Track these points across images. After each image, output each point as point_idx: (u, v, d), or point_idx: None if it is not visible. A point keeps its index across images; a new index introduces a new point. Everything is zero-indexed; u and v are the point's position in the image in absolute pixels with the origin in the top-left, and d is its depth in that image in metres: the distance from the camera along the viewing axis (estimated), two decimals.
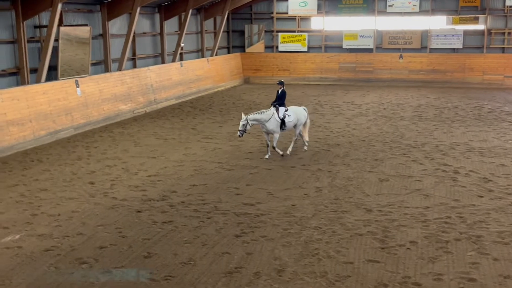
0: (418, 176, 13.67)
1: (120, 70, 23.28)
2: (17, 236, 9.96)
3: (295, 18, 34.37)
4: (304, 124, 16.01)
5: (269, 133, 15.30)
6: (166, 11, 27.46)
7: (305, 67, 34.34)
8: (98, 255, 9.14)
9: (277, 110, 15.25)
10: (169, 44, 28.32)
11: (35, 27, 19.52)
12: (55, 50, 19.15)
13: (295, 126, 15.70)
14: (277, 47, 34.95)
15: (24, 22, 18.40)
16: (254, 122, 14.97)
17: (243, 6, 33.93)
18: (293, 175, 13.90)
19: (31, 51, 19.23)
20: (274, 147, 15.34)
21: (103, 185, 13.11)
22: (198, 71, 29.60)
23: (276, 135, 15.29)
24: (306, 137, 16.15)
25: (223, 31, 33.67)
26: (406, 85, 32.14)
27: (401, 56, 32.99)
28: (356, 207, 11.48)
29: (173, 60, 28.17)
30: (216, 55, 32.64)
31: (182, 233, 10.08)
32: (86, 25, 21.06)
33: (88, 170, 14.39)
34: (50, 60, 18.86)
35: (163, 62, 27.76)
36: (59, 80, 19.38)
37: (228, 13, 33.40)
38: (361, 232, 10.09)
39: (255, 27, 35.02)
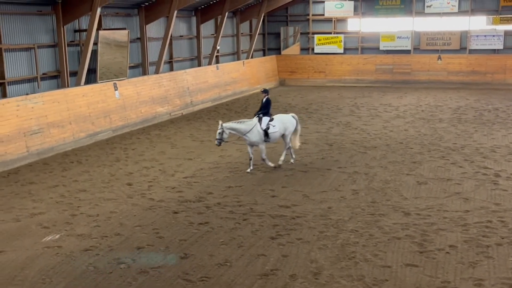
0: (457, 179, 13.38)
1: (157, 73, 23.57)
2: (57, 236, 10.16)
3: (331, 20, 34.16)
4: (295, 132, 14.82)
5: (252, 145, 14.26)
6: (203, 14, 27.69)
7: (341, 69, 34.08)
8: (136, 256, 9.25)
9: (260, 121, 14.20)
10: (206, 47, 28.53)
11: (75, 31, 19.95)
12: (94, 53, 19.52)
13: (283, 136, 14.57)
14: (312, 49, 34.81)
15: (65, 26, 18.83)
16: (231, 131, 14.01)
17: (279, 9, 33.94)
18: (329, 177, 13.79)
19: (71, 54, 19.65)
20: (263, 159, 14.33)
21: (141, 186, 13.27)
22: (234, 74, 29.72)
23: (262, 146, 14.24)
24: (296, 144, 14.96)
25: (259, 34, 33.73)
26: (445, 87, 31.55)
27: (439, 57, 32.41)
28: (394, 210, 11.30)
29: (209, 63, 28.36)
30: (251, 57, 32.73)
31: (218, 235, 10.11)
32: (124, 28, 21.42)
33: (126, 172, 14.60)
34: (89, 63, 19.25)
35: (199, 65, 27.99)
36: (98, 83, 19.75)
37: (264, 16, 33.46)
38: (399, 235, 9.93)
39: (290, 29, 34.97)
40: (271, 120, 14.34)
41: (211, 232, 10.25)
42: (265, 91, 14.81)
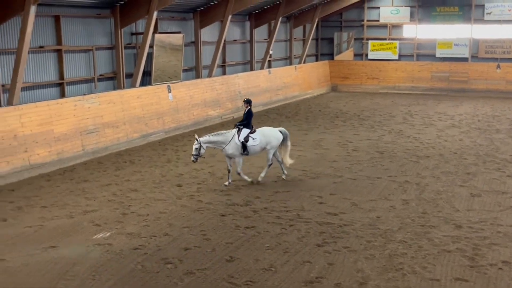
0: None
1: (210, 76, 23.86)
2: (108, 234, 10.43)
3: (386, 26, 33.68)
4: (283, 147, 13.98)
5: (230, 157, 13.56)
6: (256, 19, 27.86)
7: (395, 75, 33.53)
8: (183, 256, 9.37)
9: (238, 132, 13.47)
10: (258, 52, 28.68)
11: (132, 34, 20.46)
12: (150, 56, 19.96)
13: (264, 149, 13.74)
14: (366, 55, 34.41)
15: (122, 29, 19.35)
16: (208, 145, 13.35)
17: (333, 14, 33.74)
18: (379, 186, 13.57)
19: (127, 57, 20.17)
20: (238, 173, 13.51)
21: (190, 188, 13.45)
22: (286, 79, 29.73)
23: (238, 160, 13.46)
24: (287, 161, 14.03)
25: (312, 39, 33.64)
26: (503, 97, 30.52)
27: (498, 66, 31.38)
28: (445, 222, 11.01)
29: (262, 67, 28.48)
30: (304, 62, 32.66)
31: (264, 239, 10.13)
32: (179, 32, 21.80)
33: (177, 173, 14.83)
34: (145, 66, 19.70)
35: (251, 69, 28.15)
36: (153, 85, 20.18)
37: (318, 21, 33.34)
38: (449, 248, 9.67)
39: (344, 35, 34.69)
40: (253, 132, 13.54)
41: (257, 236, 10.28)
42: (247, 102, 13.91)
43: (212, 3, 23.07)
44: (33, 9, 14.57)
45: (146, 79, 20.38)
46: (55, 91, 17.60)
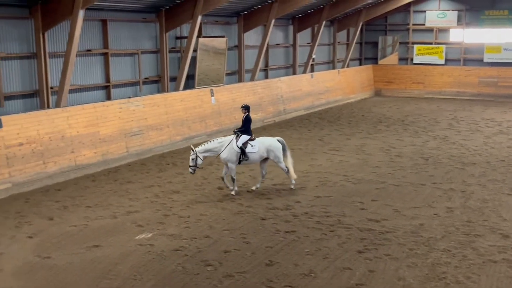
0: None
1: (252, 80, 23.95)
2: (150, 235, 10.58)
3: (433, 30, 33.04)
4: (285, 158, 13.46)
5: (224, 162, 13.12)
6: (300, 23, 27.81)
7: (441, 80, 32.84)
8: (223, 259, 9.42)
9: (237, 138, 13.05)
10: (301, 56, 28.62)
11: (176, 38, 20.75)
12: (194, 60, 20.20)
13: (264, 161, 13.38)
14: (411, 59, 33.85)
15: (167, 33, 19.67)
16: (205, 154, 12.98)
17: (378, 18, 33.35)
18: (423, 193, 13.31)
19: (172, 60, 20.46)
20: (233, 179, 13.09)
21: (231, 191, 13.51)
22: (328, 83, 29.55)
23: (231, 165, 12.95)
24: (293, 175, 13.54)
25: (356, 43, 33.35)
26: None
27: None
28: (491, 231, 10.70)
29: (304, 71, 28.40)
30: (347, 66, 32.40)
31: (304, 244, 10.07)
32: (223, 36, 21.98)
33: (218, 176, 14.92)
34: (188, 70, 19.94)
35: (294, 73, 28.11)
36: (196, 88, 20.40)
37: (362, 25, 33.02)
38: (495, 259, 9.39)
39: (389, 39, 34.23)
40: (252, 139, 13.12)
41: (297, 241, 10.23)
42: (245, 108, 13.42)
43: (256, 7, 23.18)
44: (81, 14, 14.97)
45: (190, 82, 20.63)
46: (101, 94, 18.02)
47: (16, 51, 15.12)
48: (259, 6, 23.08)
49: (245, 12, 23.38)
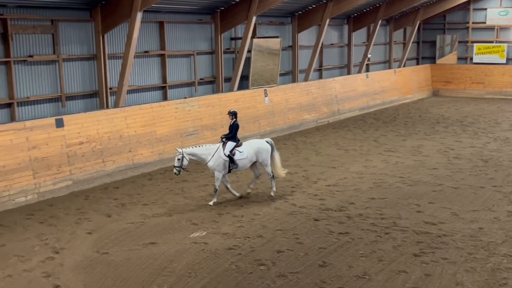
0: None
1: (306, 80, 23.87)
2: (204, 233, 10.72)
3: (494, 28, 31.96)
4: (272, 160, 13.02)
5: (214, 171, 12.61)
6: (355, 22, 27.50)
7: (502, 80, 31.70)
8: (276, 259, 9.43)
9: (223, 146, 12.56)
10: (356, 55, 28.30)
11: (231, 39, 20.94)
12: (248, 60, 20.32)
13: (255, 164, 12.96)
14: (471, 59, 32.85)
15: (222, 34, 19.87)
16: (192, 157, 12.45)
17: (436, 16, 32.55)
18: (482, 196, 12.89)
19: (226, 61, 20.66)
20: (215, 190, 12.56)
21: (284, 191, 13.51)
22: (384, 83, 29.07)
23: (217, 174, 12.46)
24: (280, 174, 13.11)
25: (413, 42, 32.66)
26: None
27: None
28: None
29: (359, 71, 28.06)
30: (404, 66, 31.79)
31: (358, 246, 9.95)
32: (277, 37, 22.02)
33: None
34: (243, 70, 20.08)
35: (348, 73, 27.83)
36: (250, 89, 20.52)
37: (419, 23, 32.32)
38: None
39: (447, 38, 33.35)
40: (239, 145, 12.68)
41: (351, 243, 10.12)
42: (232, 114, 12.94)
43: (310, 7, 23.08)
44: (139, 16, 15.33)
45: (244, 83, 20.76)
46: (158, 94, 18.40)
47: (77, 53, 15.65)
48: (314, 6, 22.97)
49: (300, 12, 23.32)
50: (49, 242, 10.33)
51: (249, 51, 20.16)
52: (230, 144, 12.59)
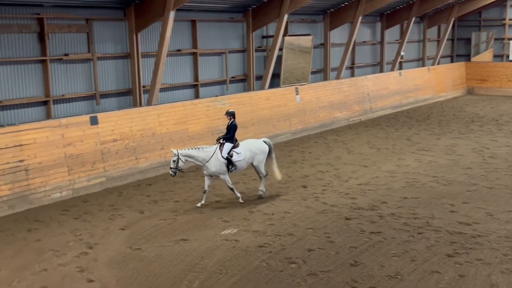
0: None
1: (338, 78, 23.71)
2: (235, 230, 10.76)
3: None
4: (269, 160, 12.82)
5: (212, 175, 12.28)
6: (388, 20, 27.20)
7: None
8: (306, 257, 9.41)
9: (221, 147, 12.29)
10: (389, 53, 27.99)
11: (263, 37, 20.95)
12: (279, 58, 20.30)
13: (253, 164, 12.65)
14: (507, 56, 32.10)
15: (253, 33, 19.90)
16: (188, 159, 12.12)
17: (471, 13, 31.91)
18: None
19: (258, 59, 20.68)
20: (231, 189, 12.45)
21: (315, 189, 13.47)
22: (417, 81, 28.67)
23: (224, 177, 12.27)
24: (277, 176, 12.94)
25: (447, 39, 32.12)
26: None
27: None
28: None
29: (392, 69, 27.75)
30: (438, 64, 31.29)
31: (390, 246, 9.85)
32: (309, 34, 21.93)
33: (302, 174, 14.92)
34: (274, 68, 20.07)
35: (381, 71, 27.55)
36: (281, 87, 20.50)
37: (454, 20, 31.75)
38: None
39: (483, 35, 32.67)
40: (236, 146, 12.41)
41: (383, 242, 10.02)
42: (231, 114, 12.63)
43: (343, 5, 22.91)
44: (172, 15, 15.47)
45: (275, 81, 20.75)
46: (190, 92, 18.55)
47: (111, 52, 15.89)
48: (346, 3, 22.80)
49: (332, 10, 23.18)
50: (83, 237, 10.53)
51: (280, 49, 20.14)
52: (228, 146, 12.29)
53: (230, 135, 12.47)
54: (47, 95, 14.49)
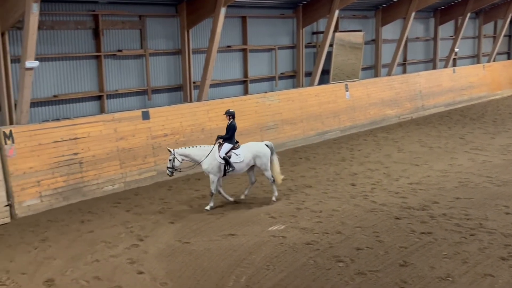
0: None
1: (389, 75, 23.33)
2: (282, 227, 10.76)
3: None
4: (272, 164, 12.34)
5: (209, 173, 11.99)
6: (442, 15, 26.53)
7: None
8: (354, 256, 9.31)
9: (219, 147, 11.98)
10: (442, 49, 27.31)
11: (313, 33, 20.82)
12: (329, 55, 20.13)
13: (252, 168, 12.31)
14: None
15: (303, 29, 19.80)
16: (184, 158, 11.88)
17: None
18: None
19: (307, 55, 20.58)
20: (211, 193, 11.96)
21: (364, 187, 13.30)
22: (472, 78, 27.87)
23: (212, 177, 11.89)
24: (279, 179, 12.43)
25: (504, 35, 31.04)
26: None
27: None
28: None
29: (445, 66, 27.08)
30: (494, 61, 30.31)
31: (441, 247, 9.62)
32: (360, 30, 21.64)
33: (351, 172, 14.77)
34: (324, 64, 19.92)
35: (434, 67, 26.93)
36: (330, 83, 20.33)
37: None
38: None
39: None
40: (236, 148, 12.08)
41: (434, 243, 9.80)
42: (230, 114, 12.22)
43: (395, 0, 22.50)
44: (223, 11, 15.57)
45: (324, 77, 20.59)
46: (239, 88, 18.64)
47: (163, 48, 16.14)
48: None
49: (384, 5, 22.80)
50: (134, 229, 10.76)
51: (330, 45, 19.97)
52: (227, 146, 12.00)
53: (229, 135, 12.11)
54: (101, 90, 14.87)
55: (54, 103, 14.02)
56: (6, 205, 11.60)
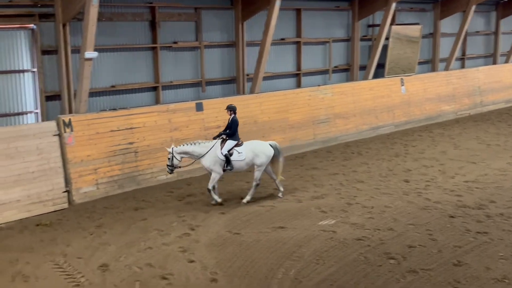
0: None
1: (447, 69, 22.71)
2: (333, 222, 10.68)
3: None
4: (275, 164, 11.93)
5: (208, 170, 11.66)
6: (505, 9, 25.58)
7: None
8: (406, 254, 9.14)
9: (222, 143, 11.57)
10: (504, 44, 26.35)
11: (368, 26, 20.49)
12: (384, 48, 19.76)
13: (251, 166, 11.82)
14: None
15: (359, 21, 19.52)
16: (184, 156, 11.54)
17: None
18: None
19: (362, 49, 20.27)
20: (209, 190, 11.59)
21: (418, 184, 13.03)
22: None
23: (214, 175, 11.50)
24: (279, 177, 12.03)
25: None
26: None
27: None
28: None
29: (507, 61, 26.12)
30: None
31: (497, 247, 9.32)
32: (417, 23, 21.14)
33: (404, 168, 14.50)
34: (379, 58, 19.58)
35: (494, 62, 26.03)
36: (385, 77, 19.97)
37: None
38: None
39: None
40: (239, 145, 11.65)
41: (490, 243, 9.50)
42: (231, 109, 11.76)
43: None
44: (278, 3, 15.53)
45: (379, 71, 20.24)
46: (291, 81, 18.58)
47: (217, 40, 16.27)
48: None
49: None
50: (186, 219, 10.94)
51: (386, 38, 19.60)
52: (230, 143, 11.60)
53: (231, 131, 11.72)
54: (156, 81, 15.14)
55: (112, 93, 14.38)
56: (64, 191, 12.03)
